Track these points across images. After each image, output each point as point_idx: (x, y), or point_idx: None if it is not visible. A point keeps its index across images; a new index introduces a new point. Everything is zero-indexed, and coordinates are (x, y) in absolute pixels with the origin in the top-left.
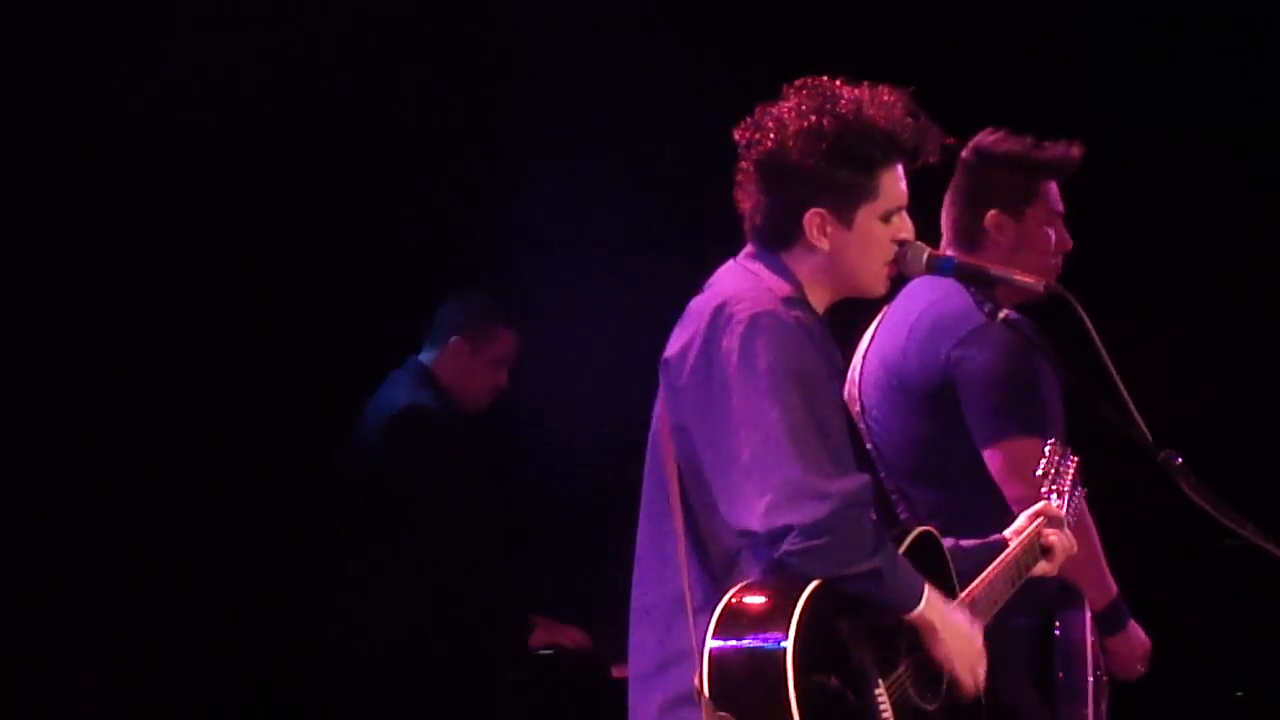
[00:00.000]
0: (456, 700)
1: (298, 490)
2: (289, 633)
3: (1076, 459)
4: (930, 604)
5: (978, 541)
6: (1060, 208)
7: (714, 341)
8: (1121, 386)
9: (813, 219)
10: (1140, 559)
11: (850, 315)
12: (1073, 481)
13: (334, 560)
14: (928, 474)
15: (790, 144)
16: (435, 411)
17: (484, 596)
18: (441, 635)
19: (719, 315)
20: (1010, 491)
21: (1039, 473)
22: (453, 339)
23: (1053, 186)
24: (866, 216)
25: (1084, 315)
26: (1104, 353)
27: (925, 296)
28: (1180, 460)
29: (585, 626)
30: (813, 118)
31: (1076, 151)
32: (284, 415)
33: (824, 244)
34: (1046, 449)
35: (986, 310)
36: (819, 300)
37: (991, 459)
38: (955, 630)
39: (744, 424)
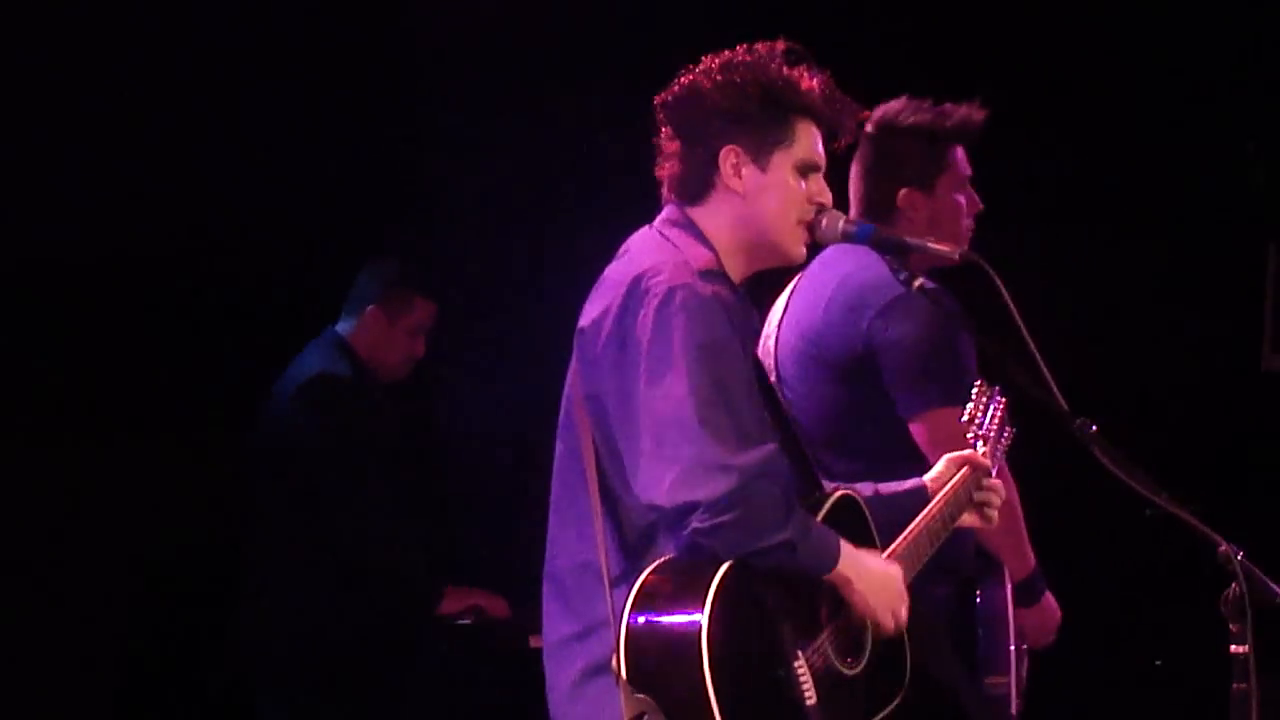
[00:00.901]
0: (371, 670)
1: (213, 462)
2: (201, 604)
3: (1004, 400)
4: (846, 562)
5: (896, 488)
6: (968, 171)
7: (629, 314)
8: (1037, 354)
9: (727, 155)
10: (1059, 527)
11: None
12: (1000, 424)
13: (246, 530)
14: (849, 445)
15: (703, 82)
16: (346, 380)
17: (393, 566)
18: (352, 605)
19: (635, 287)
20: (935, 462)
21: (964, 418)
22: (369, 308)
23: (959, 152)
24: (781, 162)
25: (999, 283)
26: (1019, 320)
27: (842, 266)
28: (1095, 428)
29: (504, 596)
30: (726, 59)
31: (979, 115)
32: (199, 387)
33: (738, 185)
34: (974, 390)
35: (902, 279)
36: (737, 267)
37: (917, 430)
38: (870, 575)
39: (654, 398)
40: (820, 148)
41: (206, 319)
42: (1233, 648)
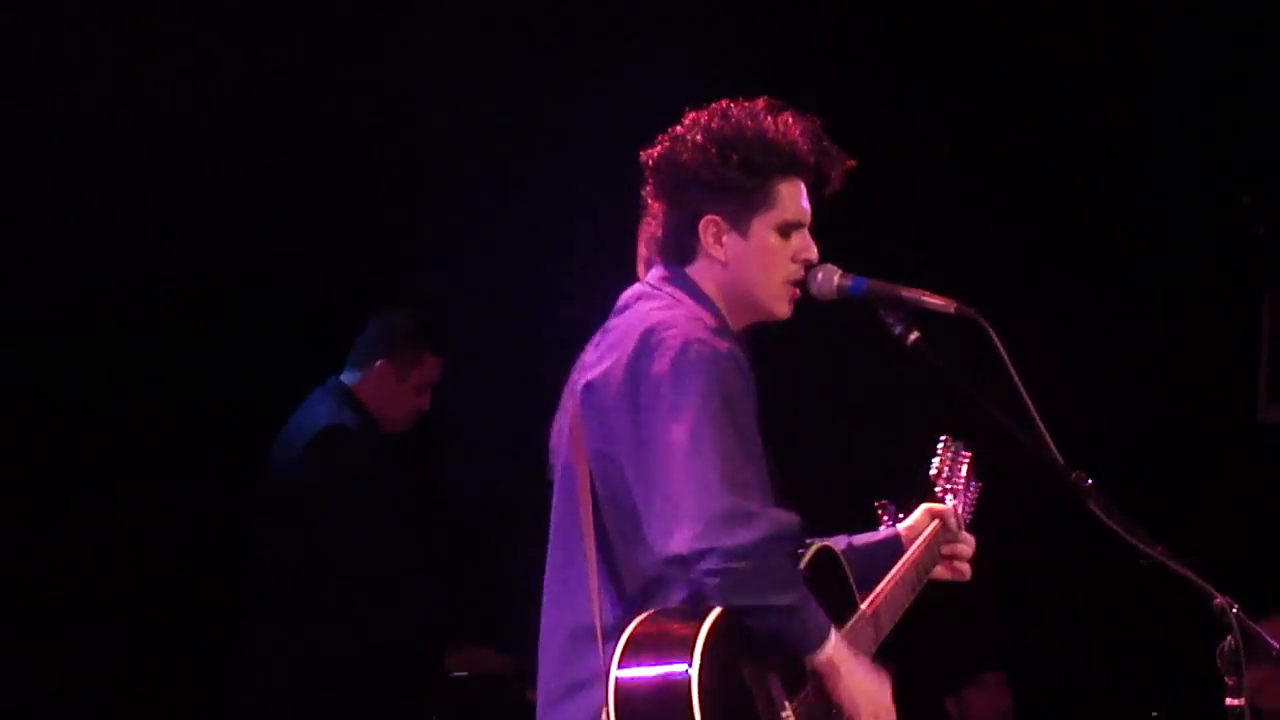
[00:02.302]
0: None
1: (215, 510)
2: (204, 653)
3: (969, 454)
4: (835, 649)
5: (871, 539)
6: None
7: (642, 365)
8: (1032, 407)
9: (707, 225)
10: (1054, 580)
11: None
12: (966, 478)
13: (249, 576)
14: None
15: (682, 148)
16: (356, 432)
17: (399, 619)
18: (355, 657)
19: (648, 340)
20: None
21: (933, 472)
22: (379, 362)
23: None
24: (762, 227)
25: (994, 335)
26: (1014, 373)
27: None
28: (1091, 481)
29: (503, 650)
30: (706, 122)
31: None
32: (196, 434)
33: (720, 253)
34: (939, 446)
35: (898, 332)
36: (731, 323)
37: None
38: (859, 682)
39: (675, 451)
40: (805, 203)
41: (207, 358)
42: (1228, 700)
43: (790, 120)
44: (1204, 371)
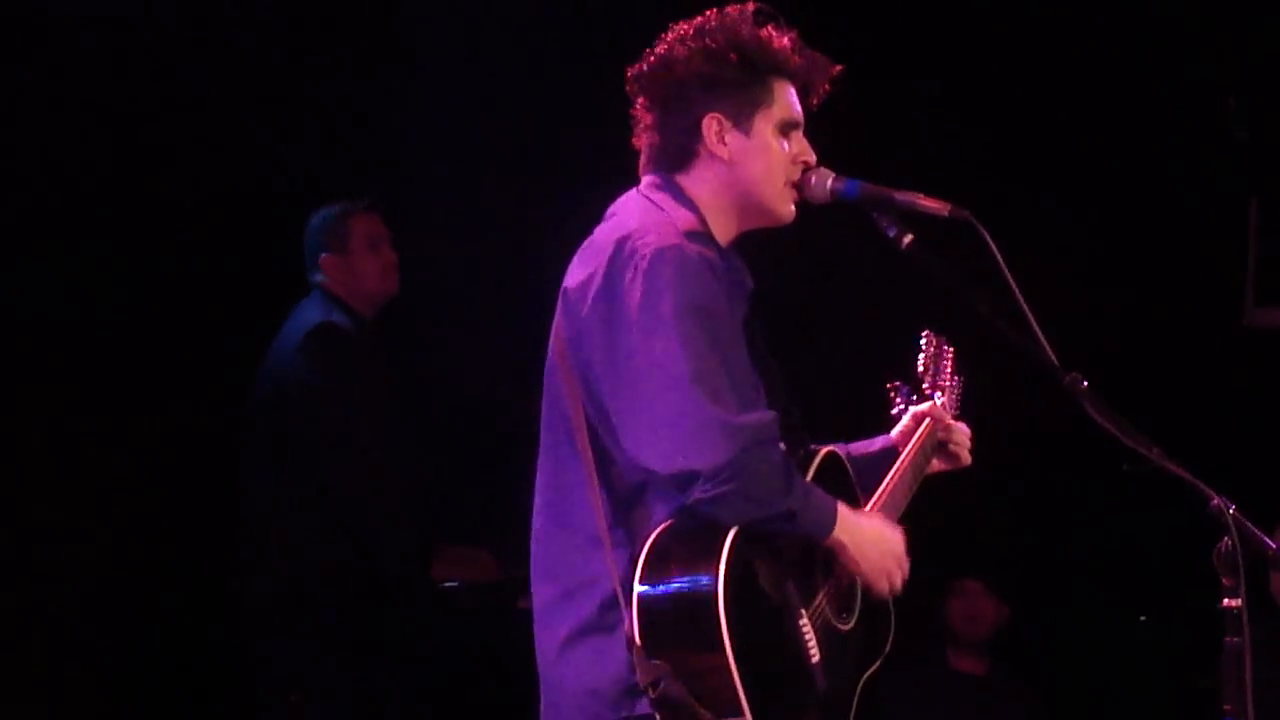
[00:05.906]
0: (359, 629)
1: (210, 419)
2: (200, 559)
3: (952, 349)
4: (842, 525)
5: (867, 449)
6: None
7: (616, 277)
8: (1027, 310)
9: (710, 123)
10: (1050, 485)
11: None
12: (951, 373)
13: (242, 483)
14: None
15: (676, 54)
16: (347, 329)
17: (389, 519)
18: (346, 559)
19: (621, 250)
20: None
21: (919, 368)
22: (321, 257)
23: None
24: (764, 124)
25: (989, 239)
26: (1009, 276)
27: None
28: (1086, 384)
29: (495, 557)
30: (698, 26)
31: None
32: (188, 346)
33: (724, 151)
34: (922, 342)
35: (892, 235)
36: (724, 229)
37: None
38: (865, 538)
39: (647, 362)
40: (798, 106)
41: (197, 277)
42: (1225, 601)
43: (775, 28)
44: (1191, 277)
